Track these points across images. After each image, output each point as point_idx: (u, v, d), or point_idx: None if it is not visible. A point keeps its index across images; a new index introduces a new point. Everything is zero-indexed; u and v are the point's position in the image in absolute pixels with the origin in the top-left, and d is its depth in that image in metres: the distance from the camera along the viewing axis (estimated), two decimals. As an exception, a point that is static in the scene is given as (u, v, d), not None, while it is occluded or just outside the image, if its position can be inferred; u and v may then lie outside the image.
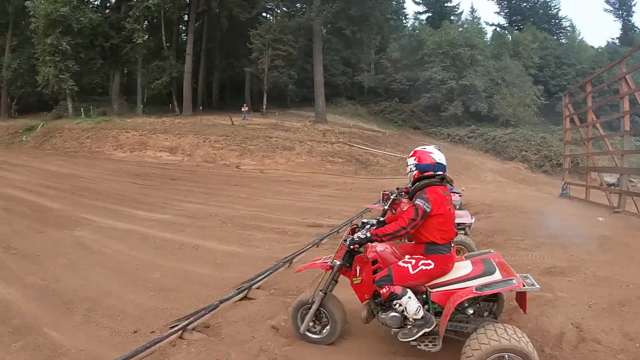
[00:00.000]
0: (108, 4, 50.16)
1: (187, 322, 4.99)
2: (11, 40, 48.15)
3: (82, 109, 42.13)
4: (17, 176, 20.05)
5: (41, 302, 6.17)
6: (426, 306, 4.03)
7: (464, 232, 7.29)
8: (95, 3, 48.65)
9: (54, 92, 42.37)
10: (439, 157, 4.22)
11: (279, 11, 47.66)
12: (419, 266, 3.98)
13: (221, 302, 5.58)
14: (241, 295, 5.98)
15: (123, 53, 44.65)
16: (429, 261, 3.99)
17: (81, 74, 42.98)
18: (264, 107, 43.17)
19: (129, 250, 8.65)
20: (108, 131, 34.34)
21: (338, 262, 4.32)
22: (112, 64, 46.91)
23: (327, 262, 4.44)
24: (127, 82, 51.47)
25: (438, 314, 3.97)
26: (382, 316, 4.09)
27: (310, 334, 4.58)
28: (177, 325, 4.94)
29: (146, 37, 42.53)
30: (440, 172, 4.17)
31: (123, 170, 22.87)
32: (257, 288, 6.28)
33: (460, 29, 48.30)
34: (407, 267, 4.00)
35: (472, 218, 7.61)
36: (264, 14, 49.57)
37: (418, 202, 3.94)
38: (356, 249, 4.24)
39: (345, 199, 15.97)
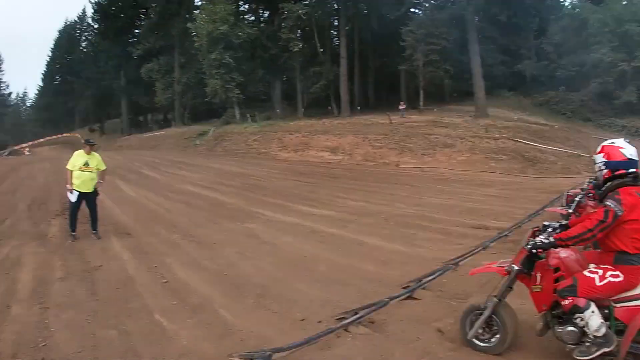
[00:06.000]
0: (262, 19, 54.09)
1: (356, 316, 5.13)
2: (179, 58, 54.47)
3: (248, 114, 45.74)
4: (194, 174, 22.26)
5: (216, 285, 6.81)
6: (607, 323, 3.62)
7: None
8: (251, 19, 52.78)
9: (222, 100, 46.53)
10: (630, 152, 3.80)
11: (427, 5, 47.03)
12: (606, 277, 3.64)
13: (391, 299, 5.64)
14: (408, 294, 5.97)
15: (281, 62, 47.25)
16: (618, 272, 3.62)
17: (245, 83, 46.33)
18: (421, 103, 42.73)
19: (297, 243, 9.22)
20: (273, 134, 36.64)
21: (516, 268, 4.04)
22: (272, 72, 49.76)
23: (504, 267, 4.19)
24: (287, 88, 54.17)
25: (619, 332, 3.56)
26: (559, 330, 3.80)
27: (477, 342, 4.30)
28: (344, 318, 5.10)
29: (301, 45, 44.90)
30: (633, 170, 3.76)
31: (288, 169, 24.36)
32: (423, 288, 6.22)
33: (625, 2, 42.86)
34: (594, 277, 3.66)
35: None
36: (413, 10, 48.74)
37: (609, 202, 3.62)
38: (539, 254, 3.97)
39: (512, 200, 15.13)
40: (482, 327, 4.27)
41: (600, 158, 3.92)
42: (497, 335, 4.25)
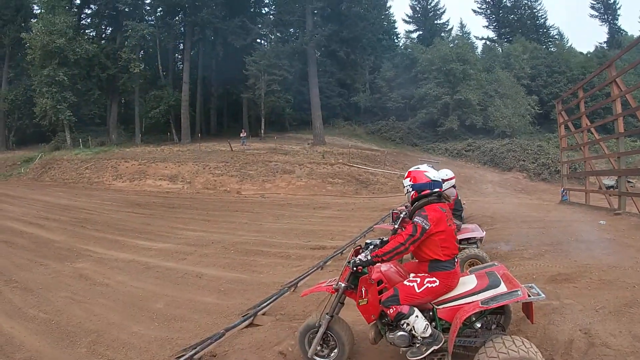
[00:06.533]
0: (104, 35, 51.01)
1: (193, 352, 4.91)
2: (8, 72, 48.64)
3: (80, 139, 42.62)
4: (17, 208, 19.93)
5: (44, 336, 6.10)
6: (433, 323, 3.97)
7: (476, 245, 7.31)
8: (91, 34, 49.38)
9: (52, 123, 42.89)
10: (433, 174, 4.28)
11: (272, 37, 48.59)
12: (424, 284, 3.97)
13: (227, 330, 5.49)
14: (247, 322, 5.85)
15: (120, 83, 45.23)
16: (434, 278, 3.98)
17: (79, 104, 43.46)
18: (262, 131, 43.62)
19: (132, 281, 8.61)
20: (107, 161, 34.50)
21: (343, 285, 4.25)
22: (109, 94, 47.33)
23: (332, 285, 4.39)
24: (124, 111, 51.84)
25: (446, 330, 3.91)
26: (390, 336, 4.02)
27: (318, 358, 4.47)
28: (183, 356, 4.87)
29: (142, 66, 43.29)
30: (437, 189, 4.20)
31: (123, 200, 22.94)
32: (263, 314, 6.15)
33: (452, 45, 49.03)
34: (413, 285, 3.98)
35: (483, 231, 7.62)
36: (259, 40, 50.15)
37: (417, 219, 3.96)
38: (360, 271, 4.20)
39: (347, 220, 15.91)
40: (319, 344, 4.41)
41: (407, 182, 4.33)
42: (335, 350, 4.45)
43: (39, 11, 47.18)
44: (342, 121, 50.60)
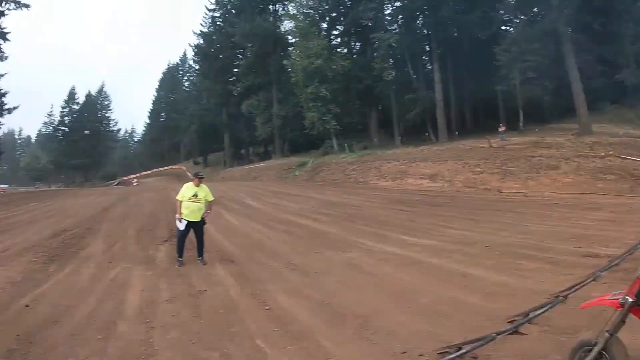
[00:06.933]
0: (354, 50, 56.18)
1: (462, 350, 4.98)
2: (277, 93, 57.51)
3: (345, 145, 46.97)
4: (294, 204, 22.68)
5: (316, 314, 6.87)
6: None
7: None
8: (343, 51, 54.23)
9: (320, 132, 48.41)
10: None
11: (517, 21, 45.55)
12: None
13: (498, 334, 5.40)
14: (514, 329, 5.76)
15: (376, 91, 48.45)
16: None
17: (341, 114, 48.18)
18: (521, 124, 41.75)
19: (397, 273, 9.12)
20: (370, 163, 37.35)
21: (630, 300, 3.61)
22: (367, 102, 51.27)
23: (617, 299, 3.75)
24: (383, 117, 54.73)
25: None
26: None
27: None
28: (447, 352, 4.99)
29: (394, 73, 45.59)
30: None
31: (386, 198, 24.31)
32: (530, 323, 5.96)
33: None
34: None
35: None
36: (504, 28, 47.92)
37: None
38: None
39: (622, 224, 13.92)
40: (590, 363, 3.83)
41: None
42: None
43: (293, 40, 54.84)
44: (607, 105, 44.72)
